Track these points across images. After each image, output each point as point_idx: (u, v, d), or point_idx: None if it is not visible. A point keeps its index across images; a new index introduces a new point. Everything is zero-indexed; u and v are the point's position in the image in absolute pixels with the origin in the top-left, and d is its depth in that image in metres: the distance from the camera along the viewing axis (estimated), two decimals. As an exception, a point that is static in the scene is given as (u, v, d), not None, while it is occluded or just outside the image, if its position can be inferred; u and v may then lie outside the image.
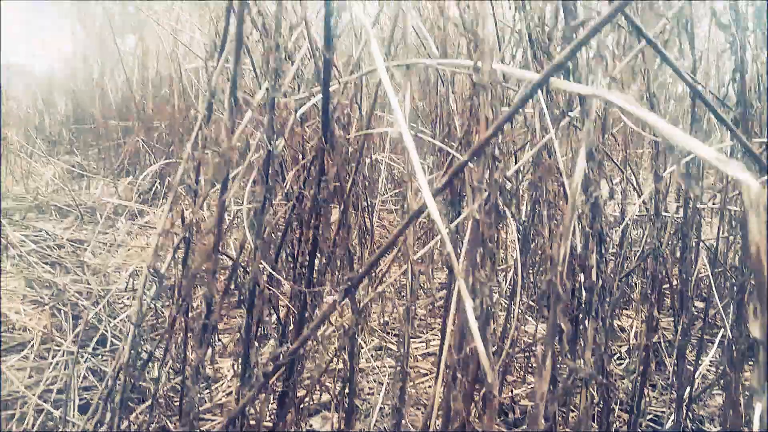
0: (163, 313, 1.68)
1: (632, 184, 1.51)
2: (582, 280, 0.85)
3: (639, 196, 1.46)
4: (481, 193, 0.52)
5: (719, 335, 1.50)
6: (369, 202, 1.58)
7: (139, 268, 2.06)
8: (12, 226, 2.36)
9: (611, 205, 1.95)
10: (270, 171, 0.68)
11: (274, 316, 1.07)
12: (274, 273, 0.88)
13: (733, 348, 1.05)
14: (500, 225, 1.28)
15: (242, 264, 0.92)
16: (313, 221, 0.77)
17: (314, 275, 0.82)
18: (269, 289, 0.76)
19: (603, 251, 0.85)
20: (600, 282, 0.82)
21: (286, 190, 0.94)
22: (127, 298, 1.89)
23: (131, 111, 3.40)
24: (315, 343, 0.83)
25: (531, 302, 1.70)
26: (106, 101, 3.77)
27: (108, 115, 3.65)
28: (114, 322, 1.64)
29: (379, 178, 2.33)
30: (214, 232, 0.59)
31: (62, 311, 1.69)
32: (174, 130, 2.83)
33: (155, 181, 2.74)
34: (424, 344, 1.65)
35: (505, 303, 1.54)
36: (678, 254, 1.13)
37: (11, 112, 4.00)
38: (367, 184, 1.62)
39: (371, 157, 1.82)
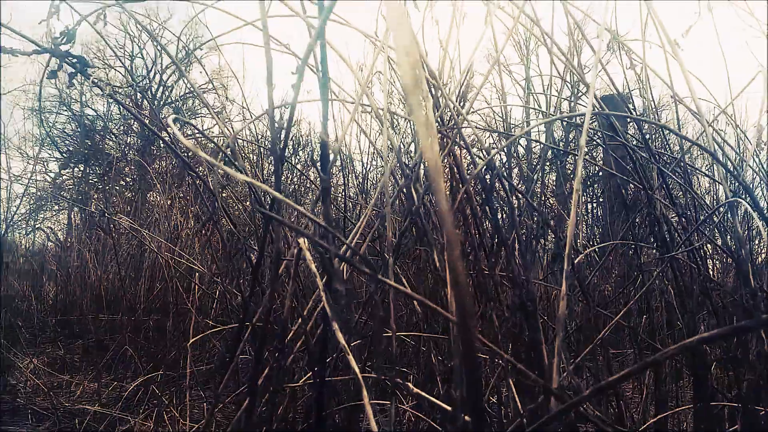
0: None
1: None
2: None
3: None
4: None
5: None
6: None
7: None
8: (-16, 434, 2.31)
9: None
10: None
11: None
12: None
13: None
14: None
15: None
16: None
17: None
18: None
19: None
20: None
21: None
22: None
23: (120, 304, 3.48)
24: None
25: None
26: (95, 291, 3.86)
27: (97, 307, 3.72)
28: None
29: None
30: None
31: None
32: (163, 330, 2.90)
33: (140, 388, 2.74)
34: None
35: None
36: None
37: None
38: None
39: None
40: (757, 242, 2.66)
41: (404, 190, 1.06)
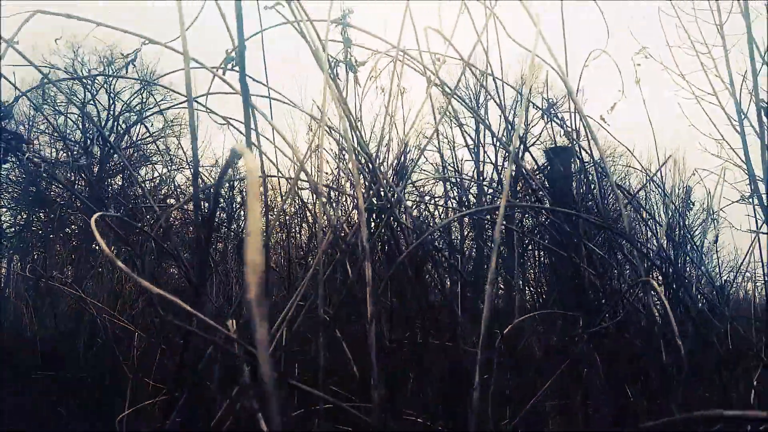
0: None
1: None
2: None
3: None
4: None
5: None
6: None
7: None
8: None
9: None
10: None
11: None
12: None
13: None
14: None
15: None
16: None
17: None
18: None
19: None
20: None
21: None
22: None
23: (59, 359, 3.34)
24: None
25: None
26: (30, 347, 3.69)
27: (31, 363, 3.56)
28: None
29: None
30: None
31: None
32: (100, 390, 2.79)
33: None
34: None
35: None
36: None
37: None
38: None
39: None
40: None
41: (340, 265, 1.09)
